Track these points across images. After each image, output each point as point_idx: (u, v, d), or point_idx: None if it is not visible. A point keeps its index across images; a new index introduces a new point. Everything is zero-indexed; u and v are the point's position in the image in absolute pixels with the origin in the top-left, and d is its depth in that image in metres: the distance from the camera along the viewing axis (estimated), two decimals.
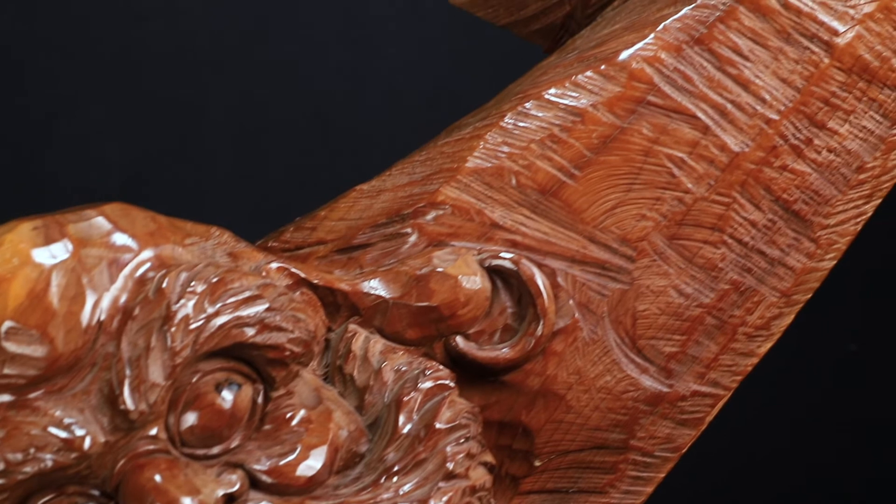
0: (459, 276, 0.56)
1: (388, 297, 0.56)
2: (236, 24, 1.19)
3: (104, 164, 1.18)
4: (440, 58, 1.20)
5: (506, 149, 0.59)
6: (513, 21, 0.71)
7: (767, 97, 0.59)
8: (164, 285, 0.50)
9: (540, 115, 0.59)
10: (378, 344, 0.56)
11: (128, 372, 0.49)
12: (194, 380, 0.50)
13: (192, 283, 0.50)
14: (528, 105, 0.59)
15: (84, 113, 1.17)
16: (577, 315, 0.58)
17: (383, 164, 1.22)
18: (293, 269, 0.54)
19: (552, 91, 0.60)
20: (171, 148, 1.19)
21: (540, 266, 0.58)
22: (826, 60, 0.59)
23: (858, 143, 0.60)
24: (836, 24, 0.59)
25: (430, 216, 0.58)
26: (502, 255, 0.58)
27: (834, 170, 0.60)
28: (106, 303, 0.50)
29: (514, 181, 0.59)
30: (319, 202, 1.22)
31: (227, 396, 0.51)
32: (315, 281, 0.55)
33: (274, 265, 0.54)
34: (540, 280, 0.57)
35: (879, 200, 0.63)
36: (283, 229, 0.61)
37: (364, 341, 0.56)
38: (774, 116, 0.59)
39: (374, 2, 1.20)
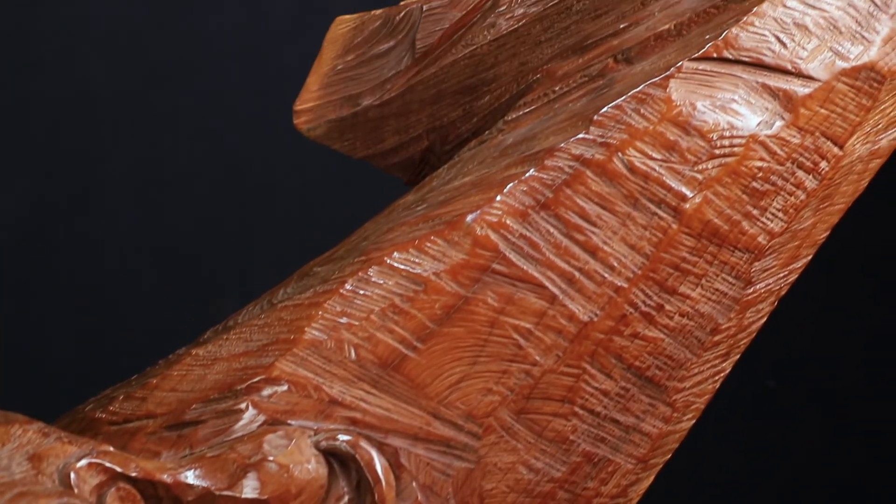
0: (291, 465, 0.50)
1: (213, 488, 0.50)
2: (136, 71, 1.11)
3: None
4: None
5: (345, 319, 0.53)
6: (370, 154, 0.64)
7: (616, 264, 0.53)
8: None
9: (381, 282, 0.53)
10: None
11: None
12: None
13: None
14: (370, 271, 0.53)
15: None
16: (420, 498, 0.52)
17: (294, 211, 1.16)
18: (107, 464, 0.48)
19: (395, 255, 0.53)
20: (70, 200, 1.12)
21: (381, 445, 0.52)
22: (674, 226, 0.53)
23: (712, 305, 0.54)
24: (683, 189, 0.53)
25: (265, 392, 0.52)
26: (340, 436, 0.51)
27: (688, 333, 0.54)
28: None
29: (353, 354, 0.52)
30: (228, 255, 1.16)
31: None
32: (133, 474, 0.49)
33: (84, 462, 0.47)
34: (379, 465, 0.51)
35: (738, 356, 0.57)
36: (112, 396, 0.54)
37: None
38: (623, 284, 0.53)
39: (286, 46, 1.13)
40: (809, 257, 0.56)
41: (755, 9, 0.53)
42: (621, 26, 0.55)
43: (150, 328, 1.14)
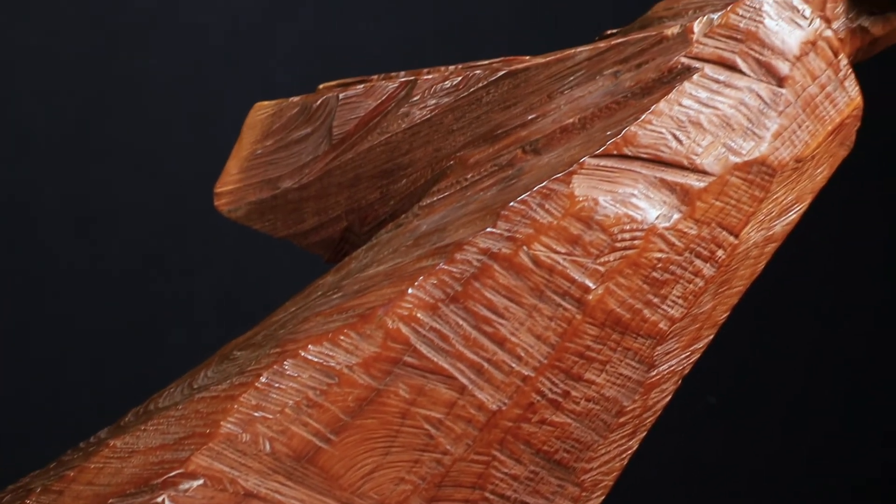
0: None
1: None
2: (74, 104, 1.11)
3: None
4: None
5: (260, 413, 0.52)
6: (291, 233, 0.64)
7: (523, 354, 0.53)
8: None
9: (296, 375, 0.53)
10: None
11: None
12: None
13: None
14: (285, 364, 0.53)
15: None
16: None
17: (239, 243, 1.15)
18: None
19: (310, 348, 0.53)
20: (5, 236, 1.11)
21: None
22: (579, 317, 0.53)
23: (616, 389, 0.54)
24: (587, 281, 0.53)
25: (182, 487, 0.52)
26: None
27: (594, 417, 0.54)
28: None
29: (268, 447, 0.52)
30: (175, 288, 1.15)
31: None
32: None
33: None
34: None
35: (644, 433, 0.57)
36: (30, 487, 0.54)
37: None
38: (531, 373, 0.53)
39: (225, 78, 1.13)
40: (711, 337, 0.56)
41: (653, 107, 0.53)
42: (529, 118, 0.56)
43: (92, 363, 1.13)
